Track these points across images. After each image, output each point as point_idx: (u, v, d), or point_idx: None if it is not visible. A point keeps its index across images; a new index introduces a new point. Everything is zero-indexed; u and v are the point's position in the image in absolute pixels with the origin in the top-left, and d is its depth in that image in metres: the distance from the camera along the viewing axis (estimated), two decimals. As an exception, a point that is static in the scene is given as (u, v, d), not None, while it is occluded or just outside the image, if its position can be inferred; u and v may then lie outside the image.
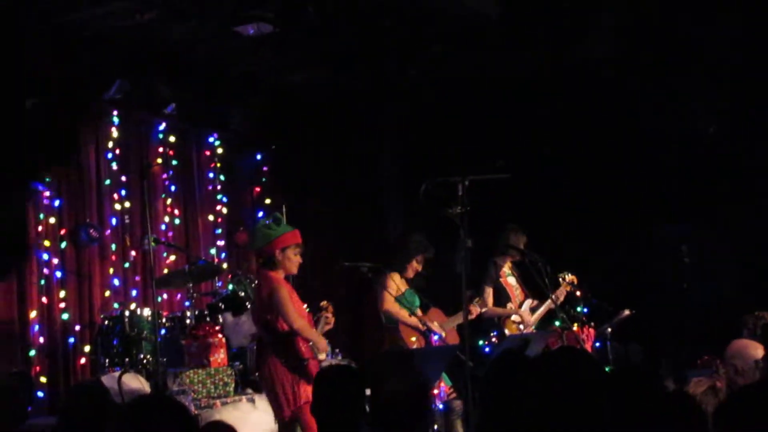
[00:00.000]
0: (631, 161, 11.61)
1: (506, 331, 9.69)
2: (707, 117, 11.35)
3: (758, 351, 6.79)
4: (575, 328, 9.42)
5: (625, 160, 11.63)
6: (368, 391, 5.36)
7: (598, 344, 9.65)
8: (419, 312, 9.24)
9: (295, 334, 7.54)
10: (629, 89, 11.32)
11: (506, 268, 9.98)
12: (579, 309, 9.75)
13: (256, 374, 9.31)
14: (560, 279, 9.78)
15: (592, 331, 9.53)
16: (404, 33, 10.27)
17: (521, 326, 9.71)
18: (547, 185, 11.82)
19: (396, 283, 9.15)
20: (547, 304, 9.69)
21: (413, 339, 9.02)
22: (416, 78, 11.52)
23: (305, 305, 8.00)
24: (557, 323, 9.55)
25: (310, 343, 7.59)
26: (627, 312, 9.71)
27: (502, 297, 9.85)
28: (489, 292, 9.82)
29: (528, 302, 9.80)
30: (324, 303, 8.01)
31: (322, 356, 7.71)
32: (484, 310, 9.51)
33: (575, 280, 9.82)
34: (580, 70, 11.17)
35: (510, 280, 9.94)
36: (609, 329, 9.66)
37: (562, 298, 9.78)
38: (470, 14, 9.88)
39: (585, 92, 11.48)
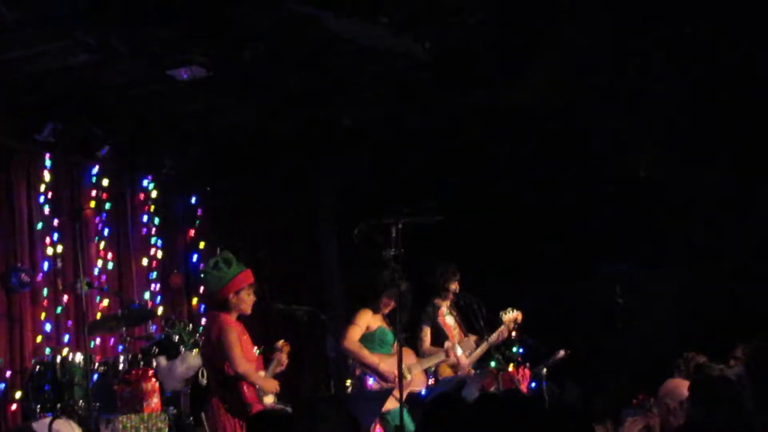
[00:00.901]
0: (566, 201, 11.74)
1: (439, 374, 9.60)
2: (642, 159, 11.51)
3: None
4: (510, 368, 9.43)
5: (560, 200, 11.77)
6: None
7: (533, 385, 9.63)
8: (395, 347, 9.11)
9: (240, 378, 7.51)
10: (565, 131, 11.45)
11: (444, 308, 9.95)
12: (514, 349, 9.75)
13: (191, 419, 9.33)
14: (501, 315, 9.75)
15: (527, 371, 9.53)
16: (338, 77, 10.33)
17: (456, 368, 9.66)
18: (482, 226, 11.94)
19: (367, 321, 9.06)
20: (483, 346, 9.65)
21: (348, 382, 8.96)
22: (350, 121, 11.57)
23: (255, 348, 7.95)
24: (492, 364, 9.53)
25: (257, 386, 7.56)
26: (562, 352, 9.71)
27: (440, 337, 9.73)
28: (427, 332, 9.74)
29: (467, 340, 9.72)
30: (280, 343, 7.98)
31: (268, 399, 7.68)
32: (426, 347, 9.52)
33: (519, 317, 9.80)
34: (515, 112, 11.27)
35: (448, 320, 9.87)
36: (544, 369, 9.62)
37: (505, 335, 9.73)
38: (403, 58, 9.95)
39: (520, 134, 11.59)
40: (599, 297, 11.60)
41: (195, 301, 11.99)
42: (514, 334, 9.75)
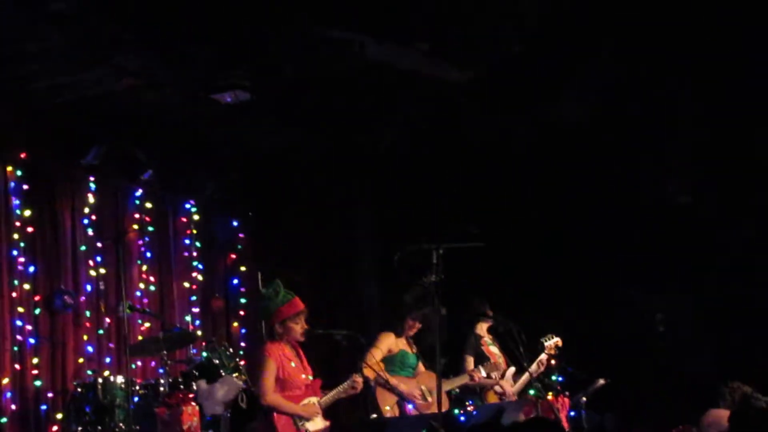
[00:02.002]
0: (605, 227, 11.61)
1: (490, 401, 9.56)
2: (681, 184, 11.41)
3: (732, 422, 6.76)
4: (550, 397, 9.30)
5: (600, 226, 11.64)
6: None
7: (573, 413, 9.54)
8: (418, 370, 9.10)
9: (271, 408, 7.62)
10: (603, 154, 11.38)
11: (488, 338, 9.91)
12: (554, 377, 9.67)
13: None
14: (543, 342, 9.70)
15: (566, 400, 9.39)
16: (377, 99, 10.34)
17: (503, 398, 9.58)
18: (521, 252, 11.80)
19: (389, 344, 9.09)
20: (525, 377, 9.54)
21: (387, 408, 8.90)
22: (390, 144, 11.57)
23: (304, 375, 7.97)
24: (532, 392, 9.45)
25: (293, 416, 7.66)
26: (602, 381, 9.63)
27: (487, 365, 9.68)
28: (470, 361, 9.70)
29: (511, 371, 9.69)
30: (373, 362, 8.17)
31: (314, 426, 7.76)
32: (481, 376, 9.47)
33: (559, 343, 9.75)
34: (553, 135, 11.23)
35: (493, 349, 9.85)
36: (584, 398, 9.56)
37: (545, 364, 9.66)
38: (442, 79, 9.95)
39: (558, 157, 11.54)
40: (640, 325, 11.51)
41: (235, 324, 12.00)
42: (554, 362, 9.67)
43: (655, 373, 11.31)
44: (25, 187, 10.12)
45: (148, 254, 11.26)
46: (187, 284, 11.63)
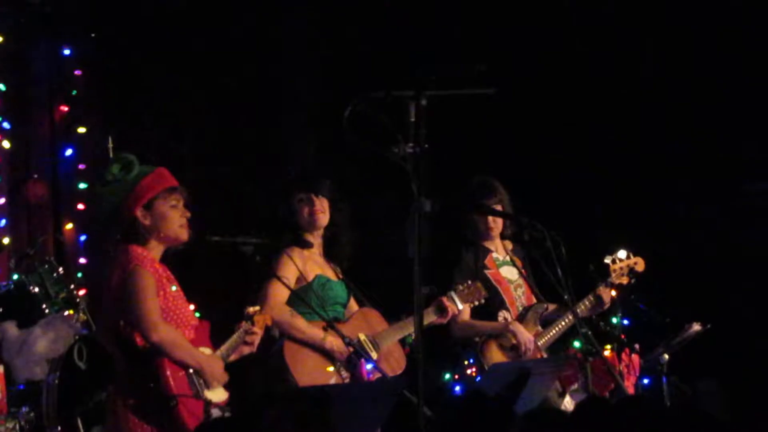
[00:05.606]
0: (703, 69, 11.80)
1: (486, 359, 9.60)
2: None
3: None
4: (608, 352, 9.34)
5: (693, 68, 11.94)
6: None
7: (646, 380, 9.74)
8: (353, 305, 9.28)
9: (160, 352, 7.54)
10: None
11: (498, 253, 9.95)
12: (614, 320, 9.66)
13: (59, 428, 9.21)
14: (609, 263, 9.84)
15: (636, 357, 9.55)
16: None
17: (518, 354, 9.68)
18: (553, 108, 12.22)
19: (298, 266, 9.07)
20: (566, 320, 9.72)
21: (330, 369, 8.94)
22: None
23: (193, 306, 8.11)
24: (576, 344, 9.46)
25: (190, 371, 7.61)
26: (696, 326, 9.77)
27: (491, 300, 9.74)
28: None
29: (539, 308, 9.64)
30: (252, 309, 8.13)
31: (215, 395, 7.77)
32: (463, 321, 9.57)
33: (639, 265, 9.89)
34: None
35: (506, 272, 9.98)
36: (665, 355, 9.60)
37: (608, 302, 9.83)
38: None
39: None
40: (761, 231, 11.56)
41: (69, 226, 12.09)
42: (613, 293, 9.71)
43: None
44: None
45: None
46: (-21, 157, 11.60)
